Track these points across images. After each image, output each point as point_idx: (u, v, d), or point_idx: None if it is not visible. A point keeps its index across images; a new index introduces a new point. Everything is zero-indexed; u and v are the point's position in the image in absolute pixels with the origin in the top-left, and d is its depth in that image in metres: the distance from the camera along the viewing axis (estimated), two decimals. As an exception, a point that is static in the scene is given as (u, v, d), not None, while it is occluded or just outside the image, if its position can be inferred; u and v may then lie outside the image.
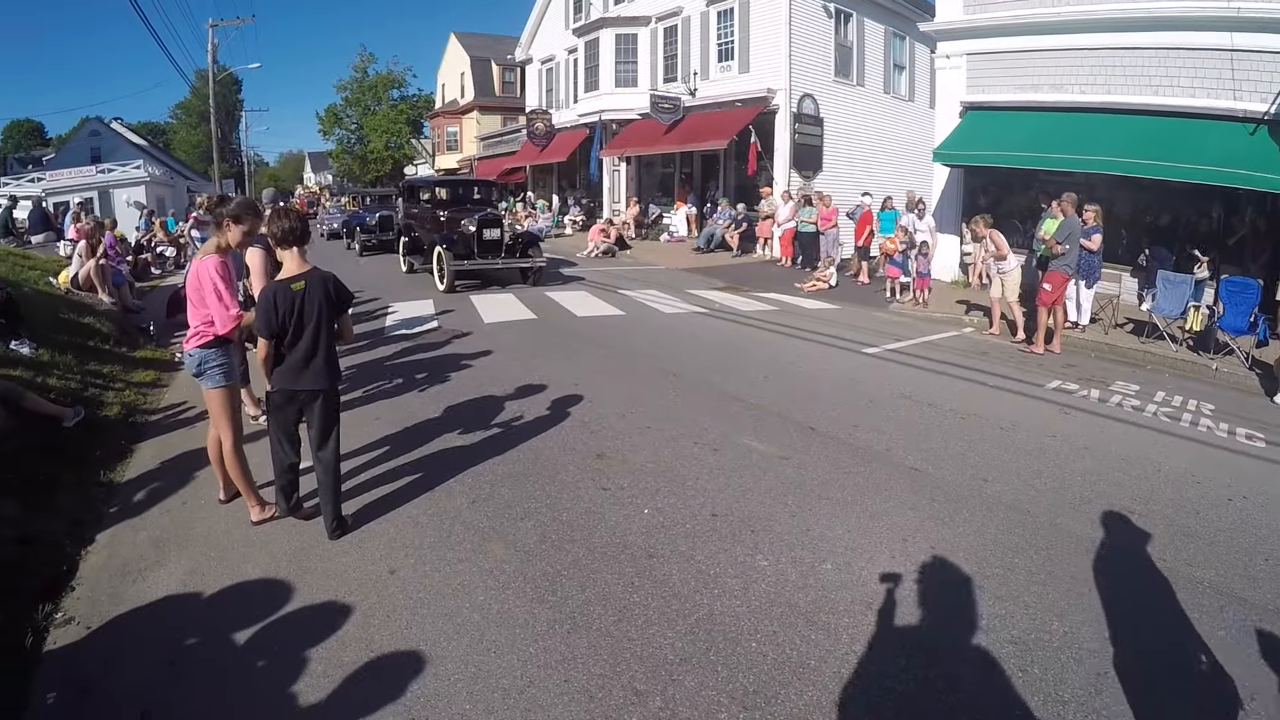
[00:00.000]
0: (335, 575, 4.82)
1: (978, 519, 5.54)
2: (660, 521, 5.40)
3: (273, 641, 4.19)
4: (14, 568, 4.94)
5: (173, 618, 4.47)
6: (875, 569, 4.75)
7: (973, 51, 17.74)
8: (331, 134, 65.39)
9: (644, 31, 29.35)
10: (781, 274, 20.25)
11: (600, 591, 4.53)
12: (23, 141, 79.24)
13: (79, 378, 8.73)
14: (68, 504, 5.97)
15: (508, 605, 4.42)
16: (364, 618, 4.35)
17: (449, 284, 16.13)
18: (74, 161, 47.78)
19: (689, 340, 11.56)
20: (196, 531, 5.53)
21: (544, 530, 5.32)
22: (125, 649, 4.19)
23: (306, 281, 4.99)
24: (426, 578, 4.77)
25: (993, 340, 12.73)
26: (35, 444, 6.78)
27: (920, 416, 7.97)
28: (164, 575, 4.93)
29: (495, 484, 6.11)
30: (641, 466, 6.41)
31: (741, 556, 4.90)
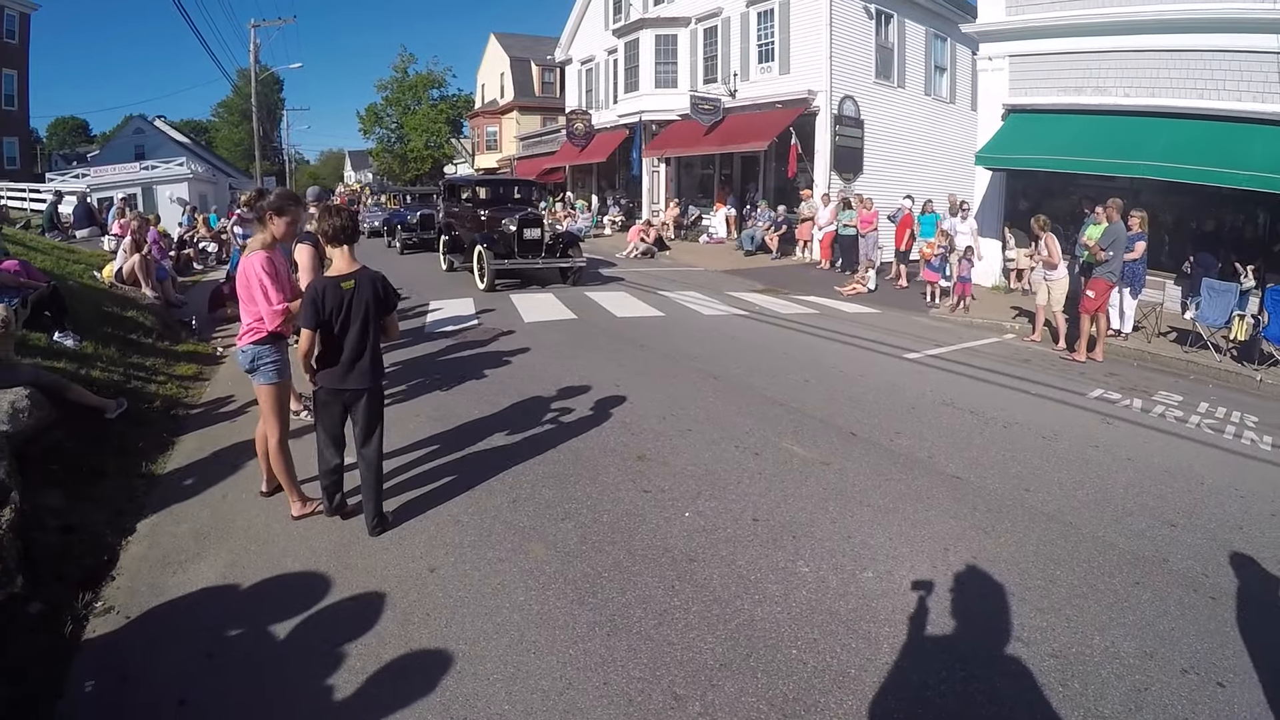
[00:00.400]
0: (375, 572, 4.88)
1: (1019, 529, 5.50)
2: (701, 525, 5.43)
3: (311, 635, 4.26)
4: (56, 556, 5.07)
5: (212, 609, 4.56)
6: (916, 578, 4.74)
7: (1015, 53, 17.53)
8: (372, 133, 65.77)
9: (684, 32, 29.34)
10: (821, 277, 20.19)
11: (641, 594, 4.55)
12: (67, 138, 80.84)
13: (122, 370, 8.88)
14: (110, 494, 6.10)
15: (548, 606, 4.46)
16: (403, 615, 4.40)
17: (489, 283, 16.15)
18: (118, 158, 48.49)
19: (729, 342, 11.55)
20: (237, 524, 5.64)
21: (585, 531, 5.35)
22: (164, 639, 4.28)
23: (356, 280, 5.04)
24: (466, 576, 4.81)
25: (1034, 347, 12.61)
26: (79, 435, 6.91)
27: (962, 424, 7.93)
28: (204, 567, 5.04)
29: (536, 484, 6.15)
30: (682, 469, 6.43)
31: (782, 562, 4.91)
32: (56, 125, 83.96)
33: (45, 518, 5.45)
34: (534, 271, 17.37)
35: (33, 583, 4.68)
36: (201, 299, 14.37)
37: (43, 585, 4.71)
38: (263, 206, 5.59)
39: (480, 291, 15.89)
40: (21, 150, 43.21)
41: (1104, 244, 11.44)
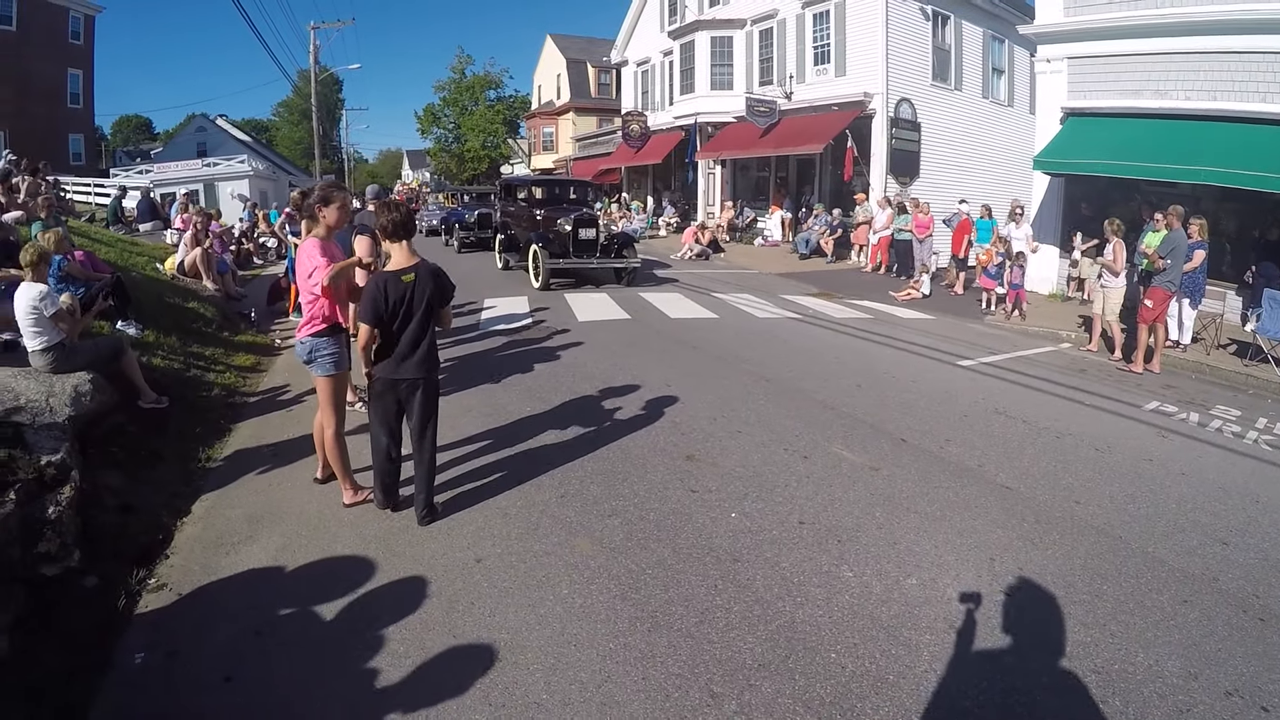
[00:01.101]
0: (423, 560, 5.01)
1: (1067, 542, 5.43)
2: (747, 526, 5.46)
3: (356, 619, 4.39)
4: (113, 534, 5.28)
5: (262, 589, 4.72)
6: (960, 587, 4.72)
7: (1073, 55, 17.23)
8: (429, 133, 66.67)
9: (739, 34, 29.33)
10: (876, 281, 20.08)
11: (683, 592, 4.60)
12: (131, 136, 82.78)
13: (182, 359, 9.21)
14: (167, 477, 6.34)
15: (591, 600, 4.53)
16: (448, 603, 4.51)
17: (544, 282, 16.27)
18: (181, 155, 49.61)
19: (781, 346, 11.54)
20: (289, 509, 5.83)
21: (630, 528, 5.42)
22: (214, 616, 4.44)
23: (416, 273, 5.14)
24: (512, 568, 4.91)
25: (1091, 357, 12.44)
26: (139, 420, 7.19)
27: (1014, 433, 7.85)
28: (255, 549, 5.22)
29: (585, 480, 6.24)
30: (731, 470, 6.47)
31: (826, 566, 4.93)
32: (121, 123, 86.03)
33: (104, 497, 5.66)
34: (589, 271, 17.44)
35: (89, 558, 4.88)
36: (261, 292, 14.77)
37: (99, 561, 4.91)
38: (311, 203, 5.74)
39: (535, 290, 16.03)
40: (87, 147, 44.33)
41: (1163, 252, 11.23)
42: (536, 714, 3.60)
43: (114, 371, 7.29)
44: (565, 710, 3.62)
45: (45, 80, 39.61)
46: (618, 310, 14.01)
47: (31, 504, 4.83)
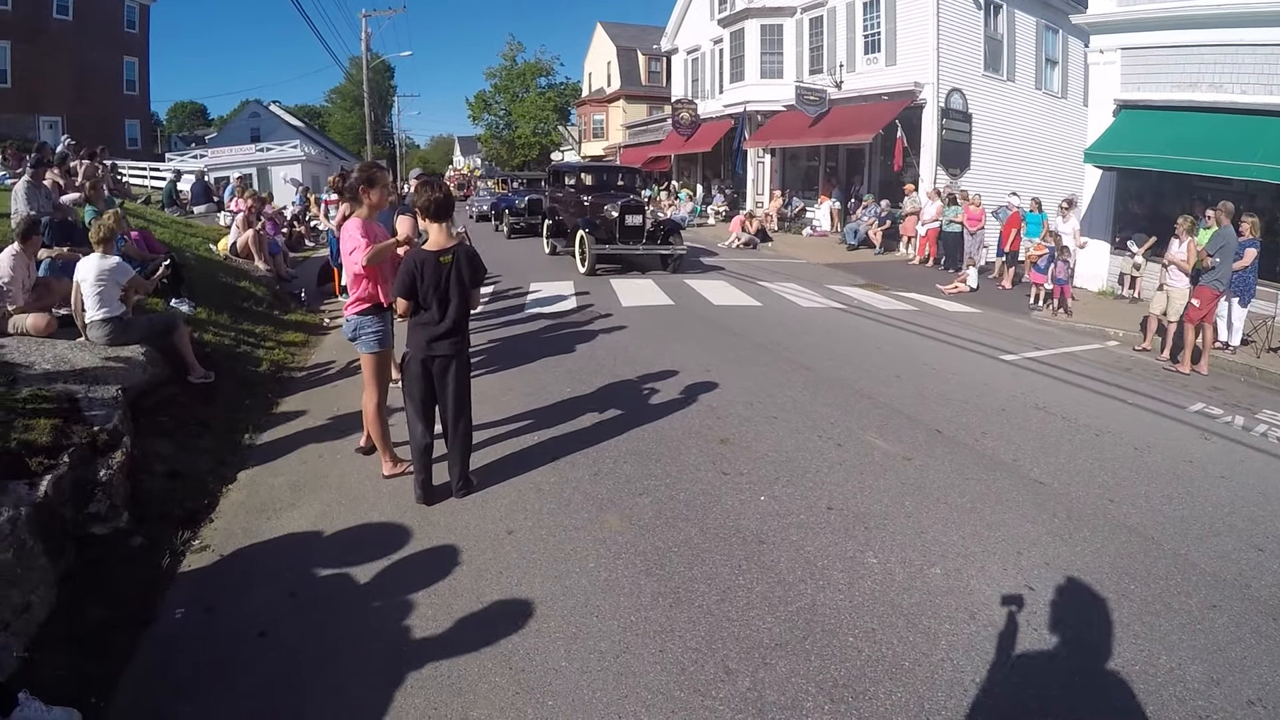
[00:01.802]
0: (456, 530, 5.19)
1: (1098, 539, 5.36)
2: (775, 509, 5.52)
3: (389, 583, 4.58)
4: (160, 498, 5.53)
5: (300, 553, 4.95)
6: (984, 579, 4.71)
7: (1127, 46, 16.87)
8: (480, 119, 67.04)
9: (789, 22, 29.18)
10: (923, 274, 19.94)
11: (707, 571, 4.69)
12: (186, 121, 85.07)
13: (232, 335, 9.50)
14: (214, 446, 6.58)
15: (616, 575, 4.65)
16: (477, 571, 4.68)
17: (590, 267, 16.36)
18: (235, 140, 51.21)
19: (823, 335, 11.52)
20: (330, 479, 6.07)
21: (660, 507, 5.51)
22: (252, 577, 4.67)
23: (454, 255, 5.23)
24: (542, 541, 5.05)
25: (1137, 356, 12.26)
26: (190, 391, 7.44)
27: (1051, 429, 7.77)
28: (296, 515, 5.46)
29: (618, 459, 6.35)
30: (763, 455, 6.52)
31: (851, 551, 4.96)
32: (176, 109, 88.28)
33: (153, 463, 5.91)
34: (634, 257, 17.44)
35: (137, 520, 5.15)
36: (311, 273, 15.10)
37: (146, 522, 5.17)
38: (353, 184, 5.85)
39: (580, 275, 16.14)
40: (142, 132, 45.59)
41: (1211, 249, 11.03)
42: (554, 680, 3.71)
43: (166, 346, 7.54)
44: (582, 677, 3.72)
45: (102, 68, 40.76)
46: (662, 296, 14.08)
47: (84, 467, 5.08)
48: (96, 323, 7.16)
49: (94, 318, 7.17)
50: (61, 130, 33.76)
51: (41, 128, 35.84)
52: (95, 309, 7.14)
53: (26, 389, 5.73)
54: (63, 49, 37.85)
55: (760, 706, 3.55)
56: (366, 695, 3.61)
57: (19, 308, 7.14)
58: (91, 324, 7.18)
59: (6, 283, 7.09)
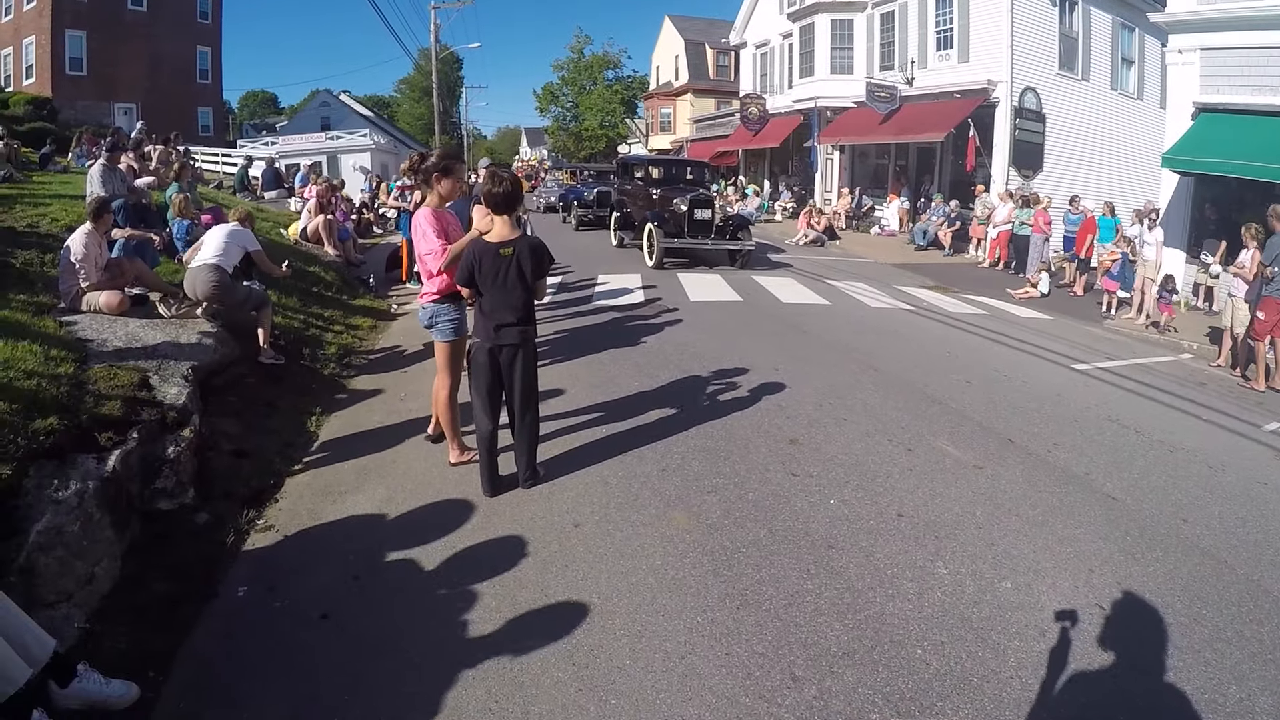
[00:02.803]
0: (522, 521, 5.22)
1: (1170, 560, 5.23)
2: (845, 514, 5.48)
3: (452, 571, 4.62)
4: (227, 476, 5.69)
5: (363, 537, 5.03)
6: (1055, 596, 4.61)
7: (1207, 46, 16.29)
8: (548, 111, 67.48)
9: (860, 17, 29.03)
10: (993, 277, 19.68)
11: (775, 573, 4.66)
12: (257, 110, 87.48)
13: (302, 318, 9.74)
14: (281, 427, 6.76)
15: (683, 573, 4.63)
16: (542, 564, 4.70)
17: (658, 260, 16.31)
18: (305, 128, 52.55)
19: (893, 337, 11.43)
20: (397, 464, 6.18)
21: (729, 506, 5.51)
22: (315, 558, 4.78)
23: (515, 248, 5.23)
24: (608, 535, 5.06)
25: (1212, 371, 11.96)
26: (259, 372, 7.66)
27: (1124, 443, 7.64)
28: (361, 499, 5.56)
29: (686, 456, 6.35)
30: (833, 457, 6.49)
31: (921, 561, 4.91)
32: (248, 98, 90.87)
33: (220, 442, 6.07)
34: (703, 252, 17.36)
35: (202, 497, 5.32)
36: (380, 260, 15.34)
37: (211, 500, 5.33)
38: (428, 169, 5.87)
39: (647, 269, 16.14)
40: (215, 119, 46.78)
41: (1267, 259, 10.72)
42: (618, 678, 3.73)
43: (244, 321, 7.96)
44: (647, 677, 3.74)
45: (175, 57, 42.00)
46: (729, 292, 14.06)
47: (152, 444, 5.27)
48: (209, 266, 7.68)
49: (207, 260, 7.69)
50: (136, 117, 34.83)
51: (116, 115, 37.07)
52: (212, 255, 7.72)
53: (98, 365, 5.89)
54: (137, 39, 39.18)
55: (826, 716, 3.54)
56: (426, 684, 3.67)
57: (92, 285, 7.32)
58: (203, 266, 7.69)
59: (80, 260, 7.26)
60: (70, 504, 4.18)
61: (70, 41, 37.22)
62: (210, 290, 7.81)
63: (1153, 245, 15.65)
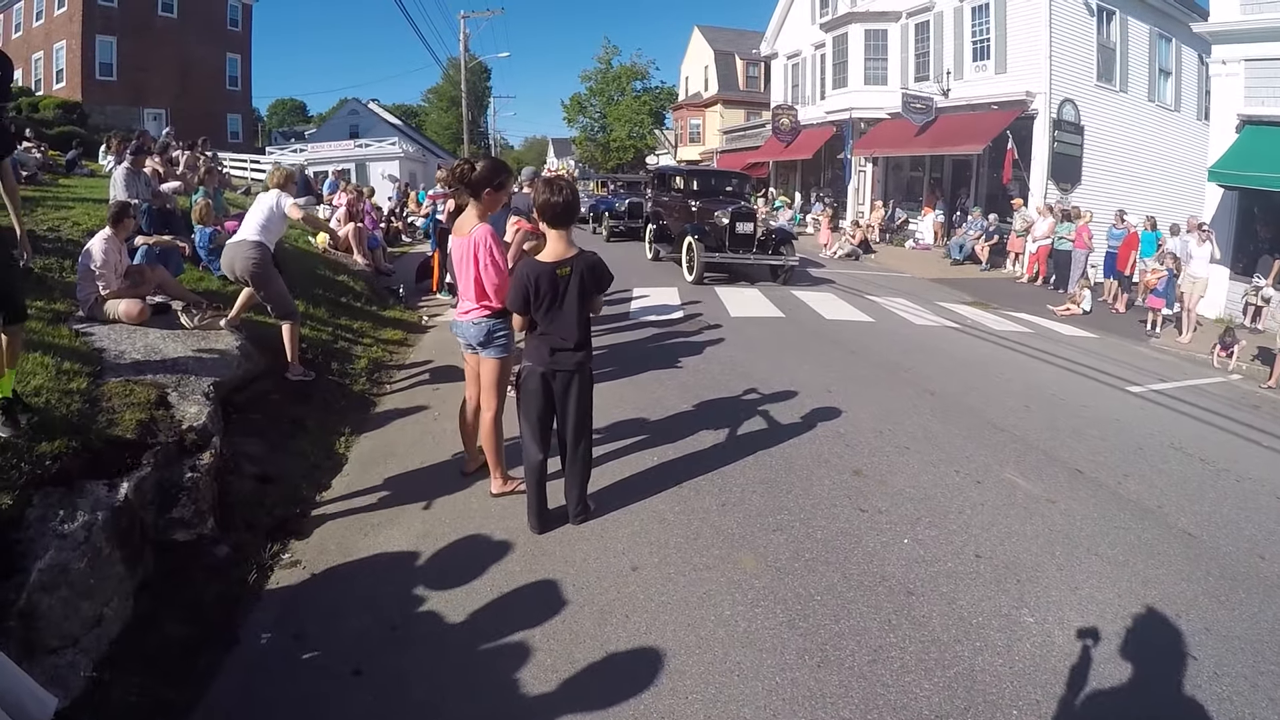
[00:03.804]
0: (574, 562, 4.88)
1: (1254, 602, 4.99)
2: (920, 555, 5.22)
3: (499, 621, 4.23)
4: (249, 504, 5.37)
5: (399, 578, 4.66)
6: (1145, 646, 4.36)
7: (1251, 57, 16.24)
8: (575, 121, 67.54)
9: (894, 27, 28.82)
10: (1032, 293, 19.43)
11: (855, 625, 4.35)
12: (286, 117, 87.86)
13: (330, 330, 9.53)
14: (308, 449, 6.46)
15: (755, 625, 4.30)
16: (600, 612, 4.35)
17: (698, 275, 15.88)
18: (334, 136, 53.11)
19: (942, 356, 11.19)
20: (434, 494, 5.79)
21: (797, 547, 5.20)
22: (346, 602, 4.41)
23: (572, 267, 4.89)
24: (670, 580, 4.71)
25: (1264, 393, 11.75)
26: (285, 388, 7.40)
27: (1192, 473, 7.39)
28: (395, 533, 5.21)
29: (746, 489, 6.06)
30: (900, 490, 6.24)
31: (1006, 608, 4.64)
32: (277, 105, 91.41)
33: (243, 465, 5.78)
34: (744, 267, 17.01)
35: (223, 527, 4.98)
36: (409, 269, 15.26)
37: (232, 530, 4.99)
38: (478, 180, 5.42)
39: (684, 282, 15.87)
40: (244, 126, 47.55)
41: None
42: (692, 750, 3.41)
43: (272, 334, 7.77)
44: (726, 750, 3.41)
45: (205, 64, 42.82)
46: (771, 307, 13.87)
47: (169, 468, 4.93)
48: (250, 242, 7.47)
49: (249, 236, 7.49)
50: (165, 123, 35.25)
51: (146, 120, 37.49)
52: (255, 229, 7.51)
53: (114, 379, 5.63)
54: (167, 45, 40.00)
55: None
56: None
57: (112, 293, 7.17)
58: (243, 241, 7.49)
59: (99, 266, 7.11)
60: (77, 538, 3.86)
61: (100, 46, 37.93)
62: (251, 268, 7.44)
63: (1200, 261, 15.27)
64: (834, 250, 24.27)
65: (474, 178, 5.44)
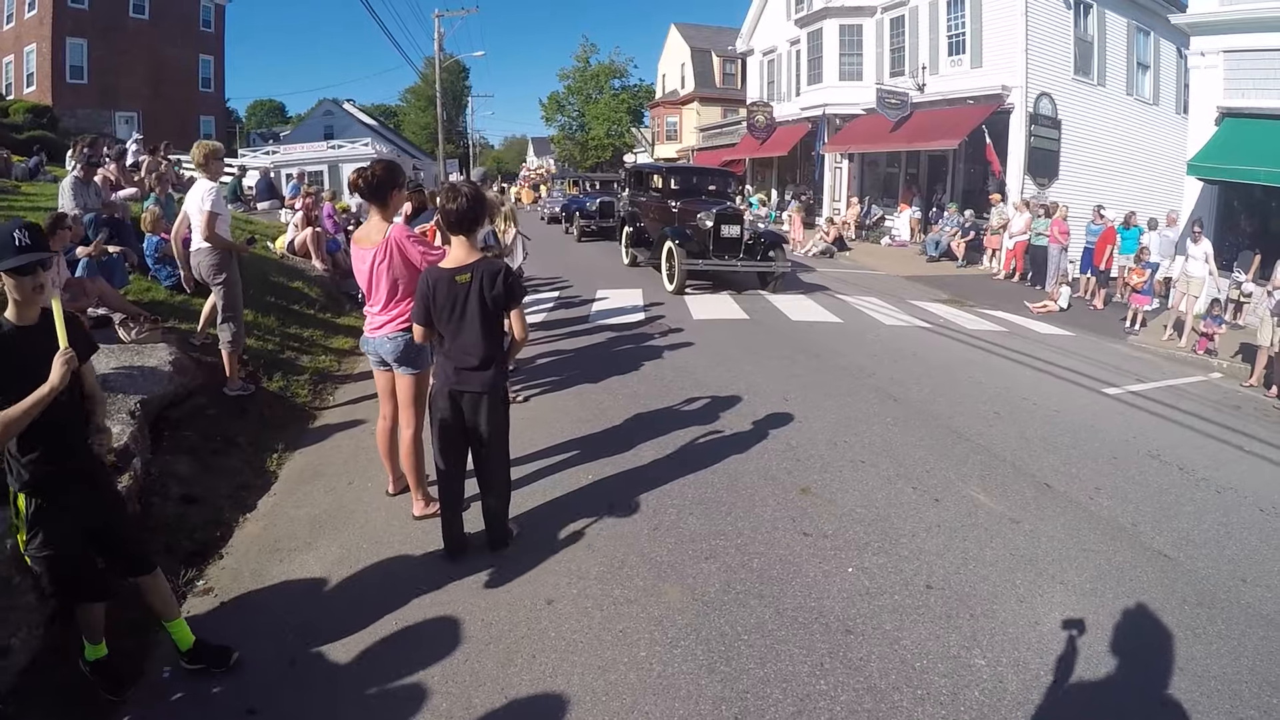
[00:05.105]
0: (486, 594, 4.56)
1: (1235, 634, 4.51)
2: (865, 586, 4.72)
3: (401, 660, 3.95)
4: (171, 526, 5.15)
5: (307, 608, 4.42)
6: (1113, 690, 3.91)
7: (1231, 48, 15.87)
8: (554, 120, 67.47)
9: (869, 22, 28.48)
10: (1008, 290, 19.03)
11: (782, 669, 3.91)
12: (265, 119, 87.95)
13: (277, 339, 9.27)
14: (238, 467, 6.27)
15: (672, 669, 3.90)
16: (506, 654, 4.00)
17: (679, 284, 14.61)
18: (308, 138, 53.06)
19: (911, 359, 10.70)
20: (355, 516, 5.55)
21: (729, 577, 4.77)
22: (251, 633, 4.14)
23: (472, 273, 4.53)
24: (586, 615, 4.36)
25: (1244, 392, 11.36)
26: (221, 403, 7.17)
27: (1170, 484, 6.90)
28: (310, 559, 4.95)
29: (682, 510, 5.65)
30: (850, 511, 5.75)
31: (955, 649, 4.13)
32: (255, 107, 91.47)
33: (169, 486, 5.60)
34: (730, 274, 15.40)
35: None
36: (369, 273, 14.66)
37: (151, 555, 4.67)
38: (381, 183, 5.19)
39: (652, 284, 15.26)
40: (217, 128, 46.61)
41: None
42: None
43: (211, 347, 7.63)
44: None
45: (178, 66, 42.52)
46: (736, 309, 13.44)
47: None
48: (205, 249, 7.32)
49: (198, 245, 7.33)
50: (137, 125, 35.03)
51: (118, 123, 37.38)
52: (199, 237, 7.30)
53: None
54: (139, 47, 39.69)
55: None
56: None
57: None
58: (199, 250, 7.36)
59: None
60: (-18, 567, 3.67)
61: (71, 49, 37.53)
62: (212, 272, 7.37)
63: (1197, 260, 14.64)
64: (808, 248, 23.85)
65: (376, 182, 5.17)
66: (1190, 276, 14.52)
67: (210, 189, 7.32)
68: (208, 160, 7.41)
